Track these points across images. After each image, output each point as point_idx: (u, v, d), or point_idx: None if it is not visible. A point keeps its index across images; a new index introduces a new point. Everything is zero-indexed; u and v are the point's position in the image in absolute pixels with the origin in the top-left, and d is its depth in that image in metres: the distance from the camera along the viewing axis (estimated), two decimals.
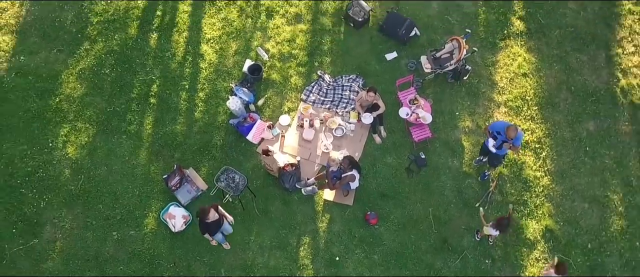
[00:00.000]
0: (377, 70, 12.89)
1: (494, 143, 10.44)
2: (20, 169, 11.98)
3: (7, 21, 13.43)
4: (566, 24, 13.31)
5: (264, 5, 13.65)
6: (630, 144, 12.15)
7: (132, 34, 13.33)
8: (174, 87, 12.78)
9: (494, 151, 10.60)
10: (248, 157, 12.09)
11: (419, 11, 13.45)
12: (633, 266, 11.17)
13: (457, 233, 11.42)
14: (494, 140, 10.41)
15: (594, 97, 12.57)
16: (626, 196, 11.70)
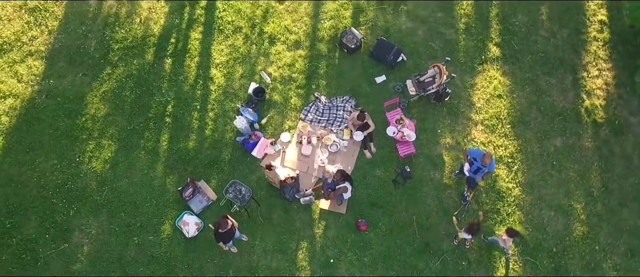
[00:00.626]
0: (368, 92, 14.10)
1: (468, 168, 11.64)
2: (51, 181, 13.21)
3: (38, 48, 14.66)
4: (537, 50, 14.49)
5: (267, 32, 14.86)
6: (593, 159, 13.33)
7: (149, 59, 14.55)
8: (186, 108, 13.99)
9: (468, 175, 11.80)
10: (253, 170, 13.31)
11: (406, 38, 14.65)
12: (592, 267, 12.35)
13: (438, 238, 12.62)
14: (469, 165, 11.60)
15: (561, 116, 13.75)
16: (587, 205, 12.89)
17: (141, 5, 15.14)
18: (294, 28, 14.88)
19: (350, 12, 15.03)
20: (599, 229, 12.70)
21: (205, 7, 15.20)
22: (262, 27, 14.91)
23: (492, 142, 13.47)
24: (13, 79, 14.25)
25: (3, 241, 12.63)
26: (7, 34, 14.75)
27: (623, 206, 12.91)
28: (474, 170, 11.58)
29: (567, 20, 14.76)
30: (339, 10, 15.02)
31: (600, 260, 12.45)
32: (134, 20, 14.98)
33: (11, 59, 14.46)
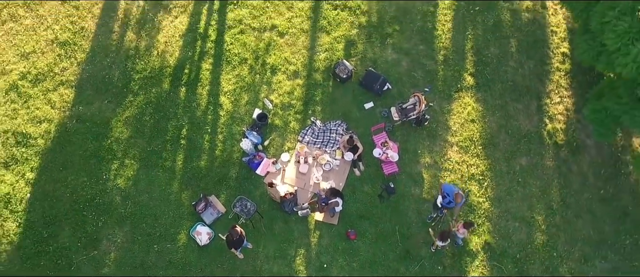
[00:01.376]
0: (358, 117, 15.63)
1: (441, 201, 13.16)
2: (81, 196, 14.79)
3: (68, 78, 16.24)
4: (507, 79, 16.00)
5: (269, 64, 16.40)
6: (553, 176, 14.84)
7: (166, 88, 16.12)
8: (198, 131, 15.55)
9: (440, 207, 13.31)
10: (257, 186, 14.86)
11: (391, 69, 16.17)
12: (551, 272, 13.87)
13: (417, 246, 14.16)
14: (443, 198, 13.11)
15: (526, 138, 15.26)
16: (547, 217, 14.40)
17: (158, 39, 16.69)
18: (293, 59, 16.41)
19: (343, 45, 16.55)
20: (557, 238, 14.20)
21: (215, 40, 16.73)
22: (265, 59, 16.44)
23: (466, 162, 14.99)
24: (47, 105, 15.82)
25: (41, 248, 14.21)
26: (41, 65, 16.32)
27: (578, 218, 14.42)
28: (446, 202, 13.08)
29: (533, 53, 16.25)
30: (333, 43, 16.55)
31: (558, 265, 13.96)
32: (152, 53, 16.53)
33: (45, 87, 16.03)
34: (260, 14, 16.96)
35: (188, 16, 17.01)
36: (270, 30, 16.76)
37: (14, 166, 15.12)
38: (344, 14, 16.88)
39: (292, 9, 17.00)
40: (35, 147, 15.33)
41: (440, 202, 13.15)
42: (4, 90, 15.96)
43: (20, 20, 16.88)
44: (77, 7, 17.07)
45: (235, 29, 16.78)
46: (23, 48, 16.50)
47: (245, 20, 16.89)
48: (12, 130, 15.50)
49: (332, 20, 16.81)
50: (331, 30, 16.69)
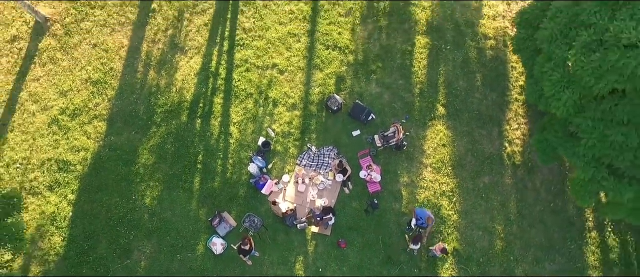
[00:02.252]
0: (347, 143, 17.76)
1: (415, 223, 15.29)
2: (115, 214, 16.94)
3: (100, 112, 18.38)
4: (473, 108, 18.11)
5: (271, 97, 18.52)
6: (511, 192, 16.97)
7: (184, 120, 18.25)
8: (212, 157, 17.68)
9: (414, 227, 15.45)
10: (262, 203, 17.00)
11: (375, 101, 18.30)
12: (508, 272, 16.01)
13: (397, 252, 16.30)
14: (416, 220, 15.23)
15: (489, 160, 17.38)
16: (506, 226, 16.54)
17: (176, 77, 18.82)
18: (292, 93, 18.53)
19: (334, 81, 18.68)
20: (514, 244, 16.35)
21: (224, 78, 18.86)
22: (268, 93, 18.56)
23: (438, 180, 17.13)
24: (83, 136, 17.96)
25: (83, 258, 16.37)
26: (77, 101, 18.46)
27: (532, 227, 16.56)
28: (419, 223, 15.22)
29: (495, 85, 18.38)
30: (325, 79, 18.68)
31: (514, 267, 16.10)
32: (171, 89, 18.67)
33: (81, 121, 18.18)
34: (263, 54, 19.07)
35: (201, 57, 19.14)
36: (272, 68, 18.87)
37: (57, 189, 17.26)
38: (334, 53, 19.00)
39: (291, 49, 19.12)
40: (74, 172, 17.47)
41: (413, 224, 15.29)
42: (47, 123, 18.10)
43: (59, 62, 19.01)
44: (106, 50, 19.20)
45: (242, 68, 18.90)
46: (61, 87, 18.63)
47: (250, 60, 19.01)
48: (54, 158, 17.64)
49: (325, 59, 18.93)
50: (324, 68, 18.81)
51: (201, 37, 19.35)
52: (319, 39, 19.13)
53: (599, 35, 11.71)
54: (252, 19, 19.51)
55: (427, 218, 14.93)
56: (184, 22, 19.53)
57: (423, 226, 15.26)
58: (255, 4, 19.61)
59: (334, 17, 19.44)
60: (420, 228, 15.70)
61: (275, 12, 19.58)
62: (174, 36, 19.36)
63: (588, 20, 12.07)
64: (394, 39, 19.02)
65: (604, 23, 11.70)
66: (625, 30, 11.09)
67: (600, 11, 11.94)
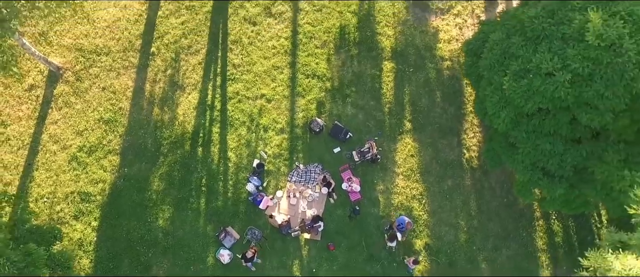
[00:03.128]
0: (330, 160, 19.89)
1: (397, 226, 17.48)
2: (134, 236, 18.89)
3: (113, 147, 20.29)
4: (435, 122, 20.35)
5: (261, 124, 20.57)
6: (471, 192, 19.26)
7: (187, 149, 20.23)
8: (214, 180, 19.70)
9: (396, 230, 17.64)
10: (260, 217, 19.07)
11: (351, 121, 20.44)
12: (472, 260, 18.29)
13: (378, 250, 18.49)
14: (398, 225, 17.44)
15: (451, 165, 19.65)
16: (468, 221, 18.83)
17: (178, 112, 20.79)
18: (279, 119, 20.62)
19: (315, 106, 20.80)
20: (475, 236, 18.64)
21: (220, 109, 20.87)
22: (258, 121, 20.62)
23: (409, 186, 19.36)
24: (101, 170, 19.87)
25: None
26: (93, 139, 20.35)
27: (490, 220, 18.86)
28: (401, 228, 17.46)
29: (453, 101, 20.65)
30: (307, 105, 20.79)
31: (477, 255, 18.40)
32: (174, 123, 20.65)
33: (98, 156, 20.08)
34: (252, 86, 21.14)
35: (198, 92, 21.14)
36: (260, 98, 20.95)
37: (81, 218, 19.17)
38: (314, 81, 21.14)
39: (275, 80, 21.21)
40: (95, 202, 19.38)
41: (396, 228, 17.51)
42: (67, 160, 19.98)
43: (73, 105, 20.88)
44: (114, 92, 21.11)
45: (234, 99, 20.95)
46: (77, 127, 20.51)
47: (241, 92, 21.06)
48: (77, 190, 19.53)
49: (306, 87, 21.06)
50: (305, 95, 20.94)
51: (197, 74, 21.35)
52: (300, 69, 21.25)
53: (526, 65, 14.00)
54: (240, 56, 21.56)
55: (406, 223, 17.20)
56: (180, 63, 21.51)
57: (403, 230, 17.52)
58: (242, 42, 21.67)
59: (312, 49, 21.58)
60: (399, 231, 17.94)
61: (259, 48, 21.66)
62: (172, 76, 21.33)
63: (517, 53, 14.37)
64: (364, 65, 21.22)
65: (528, 55, 14.00)
66: (544, 61, 13.39)
67: (525, 45, 14.24)
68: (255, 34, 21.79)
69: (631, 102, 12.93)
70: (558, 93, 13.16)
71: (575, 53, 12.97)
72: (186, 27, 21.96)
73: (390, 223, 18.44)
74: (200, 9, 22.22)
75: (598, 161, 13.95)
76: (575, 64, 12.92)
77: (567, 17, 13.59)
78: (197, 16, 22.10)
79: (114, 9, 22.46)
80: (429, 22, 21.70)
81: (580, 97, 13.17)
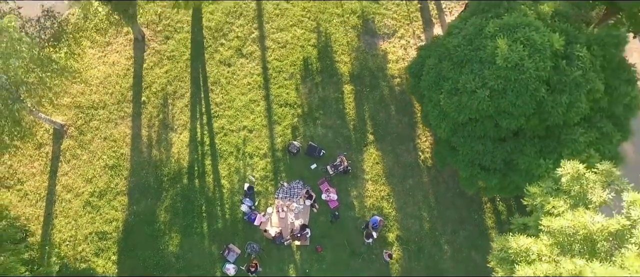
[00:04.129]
0: (308, 175, 22.58)
1: (371, 225, 20.28)
2: (150, 264, 21.23)
3: (121, 189, 22.57)
4: (393, 131, 23.25)
5: (247, 152, 23.14)
6: (429, 187, 22.21)
7: (185, 182, 22.65)
8: (212, 205, 22.19)
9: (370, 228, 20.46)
10: (256, 232, 21.62)
11: (322, 140, 23.18)
12: (436, 244, 21.26)
13: (358, 246, 21.27)
14: (372, 224, 20.24)
15: (410, 167, 22.58)
16: (430, 212, 21.78)
17: (173, 151, 23.17)
18: (261, 146, 23.21)
19: (290, 130, 23.45)
20: (437, 223, 21.61)
21: (209, 144, 23.35)
22: (244, 149, 23.17)
23: (377, 189, 22.21)
24: (113, 210, 22.13)
25: None
26: (101, 185, 22.58)
27: (448, 208, 21.86)
28: (374, 227, 20.27)
29: (406, 112, 23.58)
30: (284, 130, 23.43)
31: (439, 239, 21.36)
32: (171, 160, 23.03)
33: (108, 199, 22.32)
34: (234, 120, 23.66)
35: (188, 131, 23.57)
36: (243, 130, 23.49)
37: (102, 254, 21.41)
38: (287, 109, 23.79)
39: (254, 112, 23.78)
40: (112, 238, 21.65)
41: (371, 226, 20.32)
42: (82, 206, 22.17)
43: (80, 157, 23.05)
44: (115, 140, 23.35)
45: (221, 134, 23.45)
46: (86, 175, 22.71)
47: (226, 126, 23.57)
48: (94, 231, 21.75)
49: (280, 115, 23.70)
50: (281, 122, 23.58)
51: (185, 116, 23.76)
52: (273, 100, 23.87)
53: (455, 85, 16.96)
54: (220, 95, 24.07)
55: (379, 222, 20.05)
56: (169, 107, 23.88)
57: (377, 227, 20.36)
58: (221, 82, 24.17)
59: (281, 81, 24.23)
60: (374, 229, 20.77)
61: (236, 85, 24.20)
62: (164, 119, 23.69)
63: (447, 75, 17.33)
64: (328, 90, 23.98)
65: (456, 77, 16.96)
66: (468, 82, 16.35)
67: (453, 69, 17.21)
68: (231, 74, 24.31)
69: (537, 106, 15.98)
70: (481, 106, 16.13)
71: (490, 73, 15.95)
72: (170, 75, 24.33)
73: (366, 223, 21.25)
74: (180, 58, 24.63)
75: (520, 154, 17.01)
76: (492, 82, 15.89)
77: (482, 44, 16.54)
78: (178, 64, 24.49)
79: (103, 66, 24.68)
80: (378, 46, 24.61)
81: (499, 107, 16.17)
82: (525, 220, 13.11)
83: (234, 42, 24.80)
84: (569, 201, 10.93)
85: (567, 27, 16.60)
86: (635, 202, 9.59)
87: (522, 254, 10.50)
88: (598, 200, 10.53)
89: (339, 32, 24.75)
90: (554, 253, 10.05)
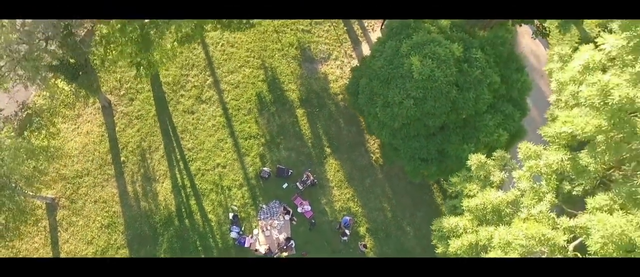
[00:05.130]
0: (282, 194, 25.74)
1: (343, 224, 23.67)
2: None
3: (121, 243, 25.01)
4: (346, 141, 26.68)
5: (225, 185, 26.06)
6: (384, 182, 25.83)
7: (177, 224, 25.36)
8: (206, 240, 25.00)
9: (346, 231, 23.87)
10: (248, 253, 24.61)
11: (288, 161, 26.40)
12: (400, 228, 24.94)
13: (337, 245, 24.65)
14: (344, 223, 23.63)
15: (365, 168, 26.13)
16: (389, 202, 25.43)
17: (159, 199, 25.80)
18: (236, 178, 26.18)
19: (259, 159, 26.52)
20: (397, 210, 25.29)
21: (190, 186, 26.11)
22: (221, 184, 26.08)
23: (343, 193, 25.65)
24: None
25: None
26: (102, 244, 24.99)
27: (403, 197, 25.55)
28: (346, 227, 23.68)
29: (353, 122, 27.09)
30: (253, 159, 26.47)
31: (402, 223, 25.05)
32: (160, 208, 25.67)
33: (110, 255, 24.76)
34: (208, 160, 26.51)
35: (170, 179, 26.25)
36: (217, 167, 26.39)
37: None
38: (252, 141, 26.84)
39: (224, 150, 26.70)
40: None
41: (343, 225, 23.73)
42: None
43: (76, 223, 25.35)
44: (105, 201, 25.77)
45: (199, 175, 26.26)
46: (86, 238, 25.06)
47: (202, 167, 26.40)
48: None
49: (248, 147, 26.74)
50: (249, 153, 26.62)
51: (163, 166, 26.42)
52: (238, 135, 26.88)
53: (386, 99, 20.53)
54: (190, 140, 26.85)
55: (349, 221, 23.48)
56: (147, 161, 26.47)
57: (348, 226, 23.80)
58: (188, 129, 26.93)
59: (242, 117, 27.24)
60: (346, 227, 24.20)
61: (203, 129, 27.04)
62: (145, 173, 26.27)
63: (378, 92, 20.88)
64: (283, 117, 27.18)
65: (386, 92, 20.53)
66: (395, 95, 19.93)
67: (382, 86, 20.77)
68: (196, 120, 27.13)
69: (452, 104, 19.74)
70: (409, 113, 19.76)
71: (411, 85, 19.59)
72: (141, 132, 26.91)
73: (339, 223, 24.66)
74: (148, 115, 27.23)
75: (448, 143, 20.79)
76: (413, 93, 19.53)
77: (400, 63, 20.14)
78: (147, 122, 27.09)
79: (79, 137, 26.97)
80: (318, 70, 28.00)
81: (423, 111, 19.85)
82: (454, 202, 16.77)
83: (192, 92, 27.59)
84: (479, 184, 14.57)
85: (463, 35, 20.45)
86: (521, 178, 13.27)
87: (452, 230, 14.04)
88: (497, 180, 14.18)
89: (283, 65, 27.97)
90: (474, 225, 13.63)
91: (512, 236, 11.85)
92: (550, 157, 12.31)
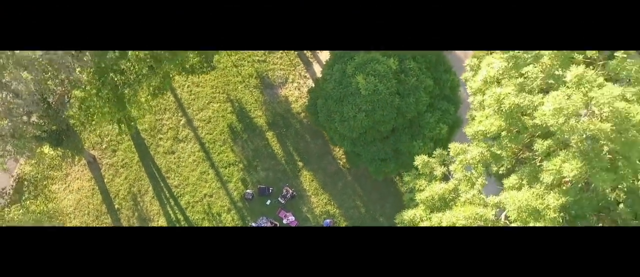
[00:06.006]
0: (267, 211, 28.57)
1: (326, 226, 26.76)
2: None
3: None
4: (303, 152, 29.70)
5: (215, 212, 28.68)
6: (354, 183, 28.96)
7: None
8: None
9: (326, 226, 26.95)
10: None
11: (267, 180, 29.20)
12: (374, 220, 28.19)
13: None
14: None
15: (336, 174, 29.16)
16: (361, 198, 28.62)
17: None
18: (224, 203, 28.84)
19: (241, 183, 29.26)
20: (369, 204, 28.50)
21: (183, 219, 28.65)
22: (211, 212, 28.72)
23: (320, 199, 28.69)
24: None
25: None
26: None
27: (372, 192, 28.76)
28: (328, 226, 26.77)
29: (318, 136, 29.99)
30: (237, 184, 29.17)
31: (375, 215, 28.31)
32: None
33: None
34: (195, 193, 29.08)
35: (163, 216, 28.72)
36: (205, 197, 29.00)
37: None
38: (232, 168, 29.53)
39: (208, 181, 29.30)
40: None
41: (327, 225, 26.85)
42: None
43: None
44: None
45: (189, 207, 28.83)
46: None
47: (191, 200, 28.95)
48: None
49: (229, 174, 29.41)
50: (231, 179, 29.31)
51: (155, 206, 28.86)
52: (218, 165, 29.53)
53: (342, 115, 23.60)
54: (176, 178, 29.36)
55: (330, 222, 26.56)
56: (140, 204, 28.87)
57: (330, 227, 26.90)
58: (172, 168, 29.41)
59: (218, 148, 29.89)
60: None
61: (185, 166, 29.57)
62: (140, 215, 28.66)
63: (335, 109, 23.95)
64: (256, 142, 29.99)
65: (341, 109, 23.60)
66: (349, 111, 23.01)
67: (337, 103, 23.82)
68: (178, 158, 29.64)
69: (397, 110, 22.98)
70: (363, 124, 22.91)
71: (360, 101, 22.72)
72: (129, 179, 29.25)
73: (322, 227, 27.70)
74: (132, 162, 29.57)
75: (400, 143, 24.07)
76: (364, 106, 22.68)
77: (348, 82, 23.21)
78: (132, 168, 29.43)
79: (71, 194, 29.11)
80: (279, 94, 30.87)
81: (374, 120, 23.04)
82: (410, 196, 20.02)
83: (169, 133, 30.05)
84: (426, 179, 17.78)
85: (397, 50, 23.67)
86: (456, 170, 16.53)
87: (411, 221, 17.22)
88: (440, 173, 17.41)
89: (246, 95, 30.71)
90: (428, 213, 16.83)
91: (455, 218, 15.09)
92: (473, 151, 15.60)
